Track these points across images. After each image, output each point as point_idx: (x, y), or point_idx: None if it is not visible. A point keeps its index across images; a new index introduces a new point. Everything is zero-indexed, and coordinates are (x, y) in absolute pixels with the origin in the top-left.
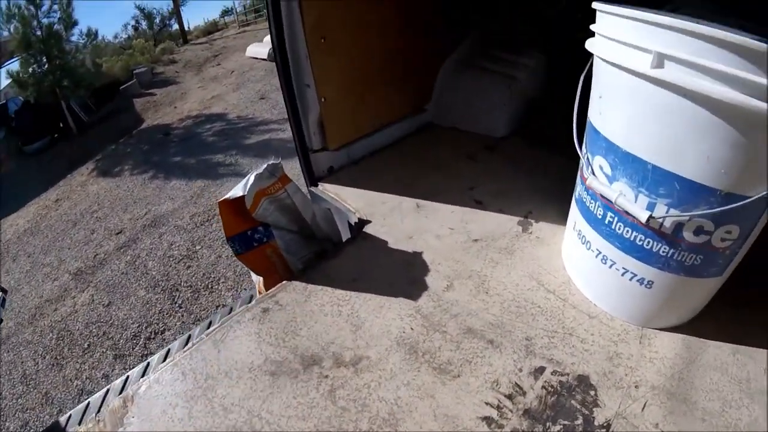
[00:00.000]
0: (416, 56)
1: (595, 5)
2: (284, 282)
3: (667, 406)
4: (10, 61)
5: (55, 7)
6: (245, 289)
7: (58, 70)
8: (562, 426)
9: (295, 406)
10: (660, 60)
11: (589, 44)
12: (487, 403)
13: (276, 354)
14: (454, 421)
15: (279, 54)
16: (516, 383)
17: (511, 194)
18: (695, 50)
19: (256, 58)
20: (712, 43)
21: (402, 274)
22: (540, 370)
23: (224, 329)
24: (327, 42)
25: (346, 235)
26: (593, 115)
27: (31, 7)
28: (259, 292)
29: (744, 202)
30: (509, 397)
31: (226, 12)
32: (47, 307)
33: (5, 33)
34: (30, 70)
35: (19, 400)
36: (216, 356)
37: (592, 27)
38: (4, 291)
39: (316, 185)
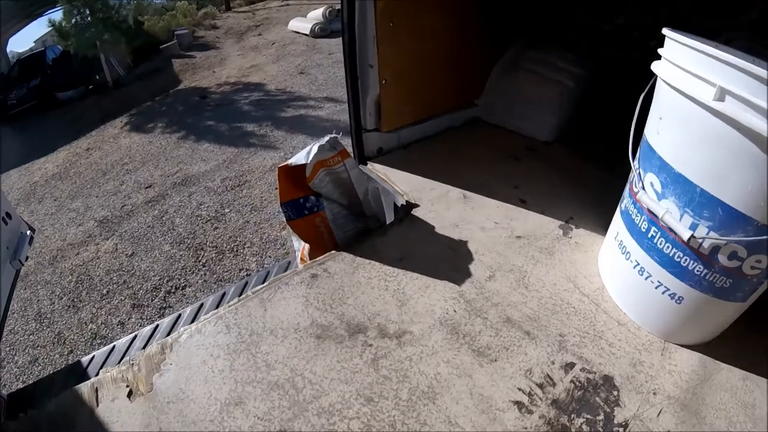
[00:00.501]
0: (472, 52)
1: (665, 32)
2: (333, 251)
3: (679, 416)
4: (53, 10)
5: None
6: (270, 257)
7: (100, 23)
8: (585, 419)
9: (338, 369)
10: (722, 94)
11: (655, 66)
12: (519, 389)
13: (323, 318)
14: (488, 401)
15: (348, 32)
16: (547, 374)
17: (553, 198)
18: (752, 89)
19: (298, 33)
20: (765, 84)
21: (447, 260)
22: (570, 366)
23: (272, 289)
24: (395, 26)
25: (390, 216)
26: (650, 134)
27: None
28: (301, 259)
29: None
30: (540, 386)
31: None
32: (69, 250)
33: None
34: (72, 21)
35: (31, 336)
36: (262, 314)
37: (660, 51)
38: (32, 230)
39: (365, 164)
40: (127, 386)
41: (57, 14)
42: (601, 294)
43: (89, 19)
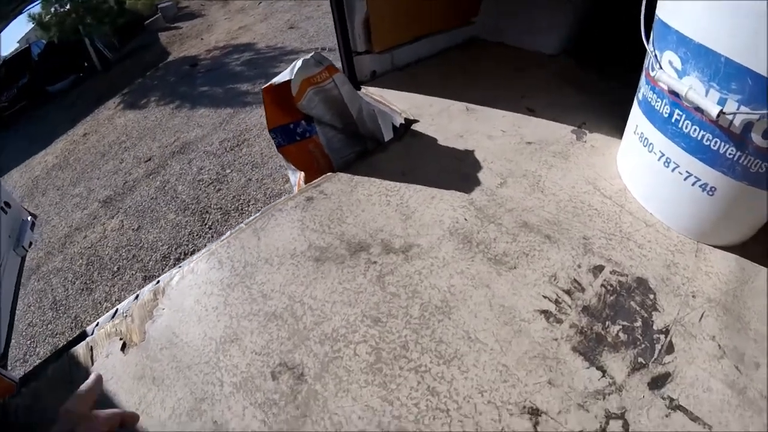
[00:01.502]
0: None
1: None
2: (329, 173)
3: (722, 320)
4: (31, 5)
5: None
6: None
7: (80, 8)
8: (621, 326)
9: (340, 291)
10: None
11: None
12: (545, 297)
13: (321, 240)
14: (510, 312)
15: None
16: (575, 279)
17: (563, 106)
18: None
19: None
20: None
21: (453, 170)
22: (599, 268)
23: (265, 217)
24: None
25: (389, 136)
26: (663, 11)
27: None
28: (298, 187)
29: None
30: (567, 292)
31: None
32: (77, 234)
33: None
34: (52, 10)
35: (49, 326)
36: (256, 244)
37: None
38: (34, 216)
39: (359, 88)
40: (121, 339)
41: (36, 8)
42: (624, 195)
43: (68, 6)
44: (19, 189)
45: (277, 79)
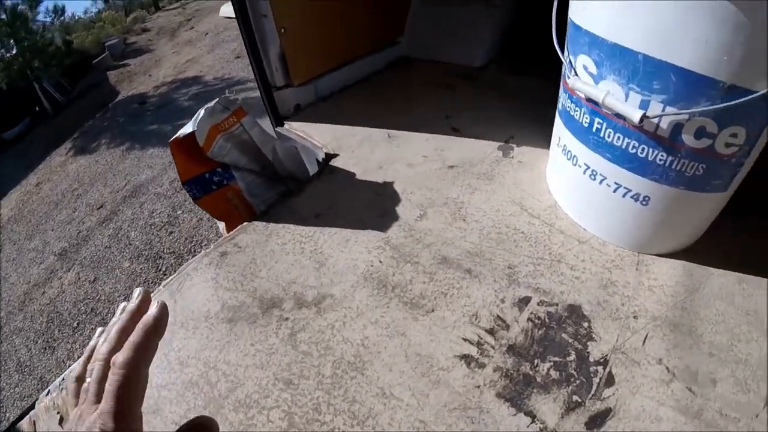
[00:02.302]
0: None
1: None
2: (245, 223)
3: (670, 339)
4: None
5: None
6: None
7: (27, 51)
8: (552, 363)
9: (253, 354)
10: None
11: None
12: (465, 339)
13: (233, 299)
14: (428, 361)
15: None
16: (498, 316)
17: (491, 120)
18: None
19: (231, 18)
20: None
21: (371, 206)
22: (525, 301)
23: (181, 278)
24: None
25: (313, 173)
26: (574, 13)
27: None
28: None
29: (750, 96)
30: (490, 331)
31: None
32: (35, 291)
33: None
34: None
35: (17, 388)
36: (173, 307)
37: None
38: None
39: (282, 125)
40: (58, 412)
41: None
42: (554, 212)
43: (15, 49)
44: None
45: (183, 131)
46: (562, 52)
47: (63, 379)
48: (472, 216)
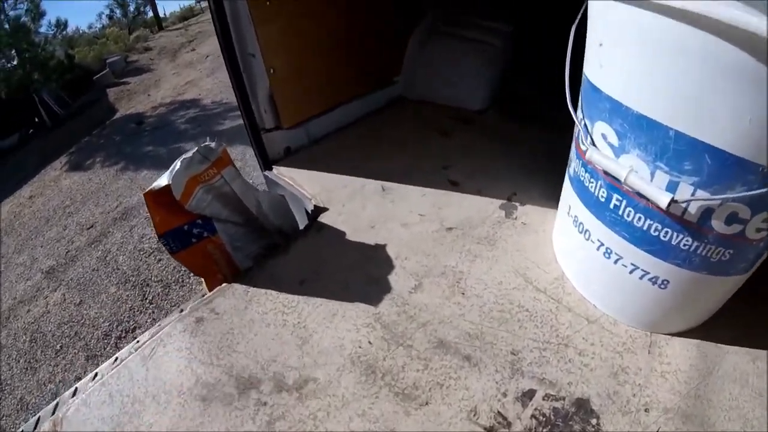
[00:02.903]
0: (382, 22)
1: None
2: (224, 285)
3: None
4: None
5: None
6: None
7: (28, 63)
8: None
9: None
10: None
11: None
12: None
13: (208, 375)
14: None
15: (218, 19)
16: (499, 411)
17: (491, 173)
18: None
19: None
20: None
21: (360, 273)
22: (529, 394)
23: (153, 343)
24: (272, 4)
25: (304, 225)
26: (591, 70)
27: None
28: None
29: None
30: (490, 430)
31: None
32: (20, 308)
33: None
34: None
35: None
36: (144, 376)
37: None
38: None
39: (271, 169)
40: None
41: None
42: (561, 285)
43: (16, 61)
44: None
45: (158, 183)
46: (575, 110)
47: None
48: (472, 289)
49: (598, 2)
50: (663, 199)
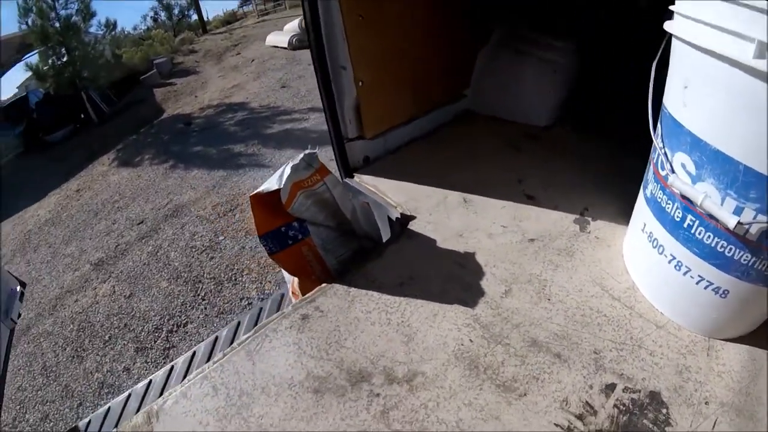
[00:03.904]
0: (454, 38)
1: None
2: (324, 285)
3: (735, 424)
4: (28, 55)
5: None
6: (270, 282)
7: (77, 61)
8: None
9: (343, 428)
10: (762, 50)
11: (669, 26)
12: (557, 425)
13: (319, 368)
14: None
15: (313, 32)
16: (586, 401)
17: (563, 188)
18: None
19: (277, 47)
20: None
21: (454, 278)
22: (611, 387)
23: (259, 338)
24: (365, 20)
25: (385, 232)
26: (674, 107)
27: (49, 0)
28: (293, 293)
29: None
30: (579, 417)
31: (245, 1)
32: (68, 297)
33: (23, 26)
34: (49, 62)
35: (39, 392)
36: (251, 369)
37: (673, 7)
38: (23, 285)
39: (352, 176)
40: None
41: (33, 57)
42: (633, 294)
43: (66, 58)
44: (11, 242)
45: (266, 187)
46: (655, 138)
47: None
48: (557, 296)
49: (686, 47)
50: (731, 222)
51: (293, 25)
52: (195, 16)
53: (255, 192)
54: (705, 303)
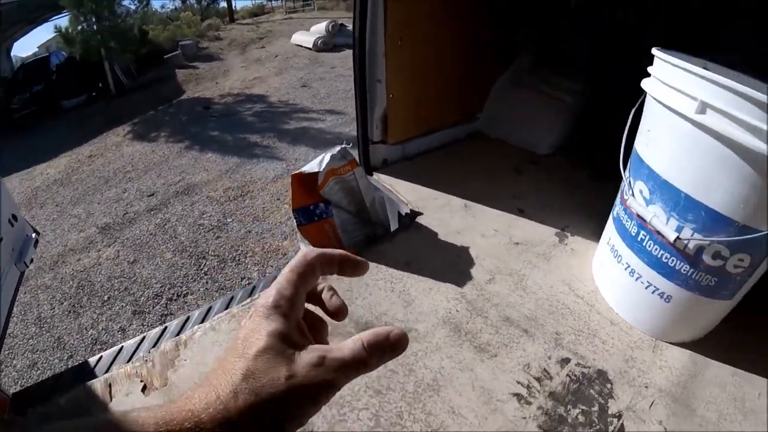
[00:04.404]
0: (476, 68)
1: (654, 51)
2: None
3: (671, 408)
4: (58, 16)
5: None
6: (272, 267)
7: (107, 31)
8: (580, 410)
9: None
10: (703, 107)
11: (644, 83)
12: (518, 382)
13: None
14: (489, 393)
15: (359, 47)
16: (545, 369)
17: (551, 207)
18: (731, 103)
19: (301, 46)
20: (744, 99)
21: (450, 264)
22: (566, 361)
23: None
24: (403, 43)
25: (394, 223)
26: (640, 146)
27: None
28: None
29: (757, 234)
30: (538, 379)
31: None
32: (70, 256)
33: None
34: (79, 27)
35: (30, 341)
36: None
37: (650, 69)
38: (37, 233)
39: (371, 174)
40: (141, 381)
41: (62, 20)
42: (595, 296)
43: (95, 26)
44: (18, 196)
45: (307, 168)
46: (624, 171)
47: (147, 349)
48: (531, 288)
49: (654, 103)
50: (672, 236)
51: (320, 27)
52: (223, 3)
53: (297, 172)
54: (652, 306)
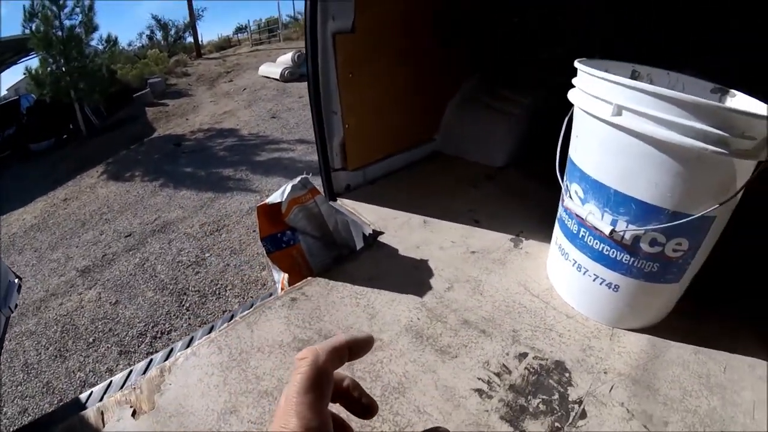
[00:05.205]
0: (428, 92)
1: (576, 63)
2: (309, 278)
3: (632, 390)
4: (27, 57)
5: (77, 9)
6: (251, 298)
7: (76, 72)
8: (541, 399)
9: None
10: (618, 110)
11: (570, 94)
12: (479, 379)
13: (303, 334)
14: (451, 391)
15: (313, 82)
16: (503, 364)
17: (505, 217)
18: (642, 102)
19: (269, 77)
20: (656, 98)
21: (410, 276)
22: (524, 355)
23: (257, 313)
24: (354, 77)
25: (360, 243)
26: (572, 151)
27: (54, 8)
28: (282, 288)
29: (688, 219)
30: (497, 374)
31: (240, 29)
32: (52, 300)
33: (26, 30)
34: (48, 69)
35: (19, 387)
36: (249, 335)
37: (573, 81)
38: (20, 278)
39: (335, 200)
40: (131, 407)
41: (33, 62)
42: (550, 293)
43: (64, 68)
44: None
45: (271, 200)
46: (562, 178)
47: (135, 379)
48: (488, 291)
49: (577, 110)
50: (606, 229)
51: (286, 58)
52: (190, 39)
53: (262, 203)
54: (602, 296)
